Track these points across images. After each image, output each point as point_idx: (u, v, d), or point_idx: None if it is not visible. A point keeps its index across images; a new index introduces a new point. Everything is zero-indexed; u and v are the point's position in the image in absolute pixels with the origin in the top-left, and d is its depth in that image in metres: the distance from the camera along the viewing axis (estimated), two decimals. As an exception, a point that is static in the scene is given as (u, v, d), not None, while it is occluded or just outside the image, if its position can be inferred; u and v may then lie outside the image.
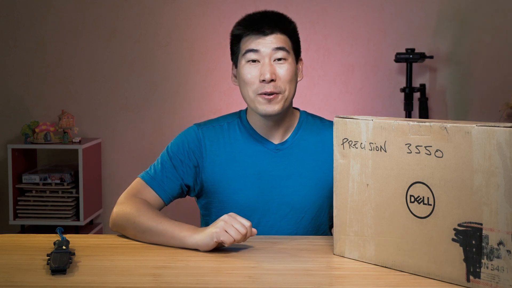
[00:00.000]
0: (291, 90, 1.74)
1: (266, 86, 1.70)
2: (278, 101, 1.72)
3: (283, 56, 1.72)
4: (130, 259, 1.50)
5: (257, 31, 1.73)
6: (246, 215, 1.75)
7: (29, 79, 3.85)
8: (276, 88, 1.71)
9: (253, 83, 1.72)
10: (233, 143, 1.80)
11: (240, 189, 1.77)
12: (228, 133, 1.81)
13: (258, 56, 1.72)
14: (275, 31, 1.73)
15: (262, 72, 1.70)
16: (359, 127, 1.44)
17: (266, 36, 1.72)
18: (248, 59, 1.73)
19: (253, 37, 1.73)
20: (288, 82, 1.73)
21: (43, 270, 1.41)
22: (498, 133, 1.21)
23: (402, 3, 3.71)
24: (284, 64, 1.72)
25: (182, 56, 3.80)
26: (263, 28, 1.72)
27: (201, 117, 3.70)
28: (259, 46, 1.72)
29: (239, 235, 1.50)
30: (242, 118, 1.83)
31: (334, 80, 3.76)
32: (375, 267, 1.43)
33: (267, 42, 1.72)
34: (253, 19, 1.76)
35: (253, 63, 1.73)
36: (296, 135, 1.81)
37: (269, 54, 1.71)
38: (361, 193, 1.45)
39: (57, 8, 3.81)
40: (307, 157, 1.79)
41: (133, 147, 3.85)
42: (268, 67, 1.70)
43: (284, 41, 1.74)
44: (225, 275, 1.39)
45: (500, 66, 3.68)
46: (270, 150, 1.79)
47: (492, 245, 1.24)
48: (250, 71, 1.73)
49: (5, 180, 3.64)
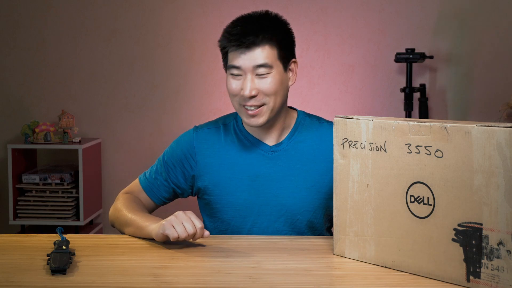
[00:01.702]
0: (277, 100, 1.70)
1: (248, 100, 1.68)
2: (262, 114, 1.70)
3: (265, 72, 1.67)
4: (130, 259, 1.50)
5: (238, 45, 1.67)
6: (241, 216, 1.77)
7: (29, 79, 3.85)
8: (258, 102, 1.68)
9: (236, 95, 1.71)
10: (227, 146, 1.80)
11: (234, 191, 1.77)
12: (224, 135, 1.81)
13: (240, 71, 1.69)
14: (257, 43, 1.66)
15: (243, 87, 1.68)
16: (359, 127, 1.44)
17: (248, 50, 1.66)
18: (231, 73, 1.71)
19: (235, 52, 1.68)
20: (272, 94, 1.69)
21: (43, 270, 1.41)
22: (498, 133, 1.21)
23: (402, 3, 3.71)
24: (266, 78, 1.68)
25: (182, 56, 3.80)
26: (244, 41, 1.66)
27: (201, 117, 3.70)
28: (240, 62, 1.67)
29: (184, 233, 1.51)
30: (237, 119, 1.83)
31: (334, 80, 3.76)
32: (375, 267, 1.43)
33: (247, 57, 1.66)
34: (235, 30, 1.69)
35: (236, 76, 1.70)
36: (292, 136, 1.79)
37: (250, 69, 1.67)
38: (361, 193, 1.45)
39: (57, 8, 3.81)
40: (303, 159, 1.78)
41: (133, 147, 3.85)
42: (249, 82, 1.67)
43: (267, 54, 1.67)
44: (225, 275, 1.39)
45: (500, 66, 3.68)
46: (264, 152, 1.78)
47: (492, 245, 1.24)
48: (233, 83, 1.71)
49: (5, 180, 3.64)
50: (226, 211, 1.78)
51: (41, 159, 3.86)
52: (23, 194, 3.57)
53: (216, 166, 1.79)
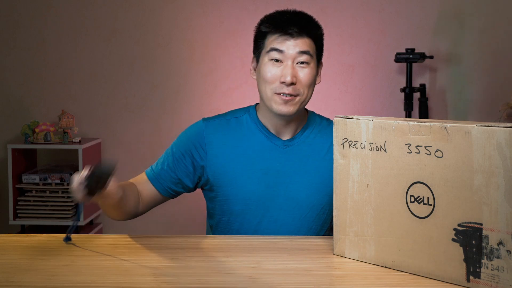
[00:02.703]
0: (309, 94, 1.76)
1: (285, 88, 1.71)
2: (294, 103, 1.73)
3: (306, 60, 1.73)
4: (130, 259, 1.50)
5: (285, 31, 1.73)
6: (251, 209, 1.77)
7: (29, 79, 3.85)
8: (295, 91, 1.72)
9: (272, 82, 1.73)
10: (241, 138, 1.81)
11: (246, 183, 1.78)
12: (235, 128, 1.82)
13: (281, 57, 1.73)
14: (302, 34, 1.73)
15: (284, 73, 1.71)
16: (359, 127, 1.44)
17: (293, 38, 1.73)
18: (272, 57, 1.73)
19: (280, 37, 1.73)
20: (308, 86, 1.74)
21: (43, 269, 1.41)
22: (498, 133, 1.22)
23: (402, 3, 3.71)
24: (306, 68, 1.73)
25: (182, 56, 3.79)
26: (291, 29, 1.72)
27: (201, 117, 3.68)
28: (284, 47, 1.72)
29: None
30: (251, 113, 1.84)
31: (334, 80, 3.76)
32: (375, 267, 1.43)
33: (293, 44, 1.72)
34: (282, 18, 1.76)
35: (276, 63, 1.73)
36: (304, 132, 1.82)
37: (293, 56, 1.72)
38: (361, 193, 1.45)
39: (57, 8, 3.81)
40: (313, 155, 1.81)
41: (133, 147, 3.85)
42: (290, 69, 1.71)
43: (309, 45, 1.74)
44: (225, 275, 1.39)
45: (500, 66, 3.68)
46: (278, 146, 1.80)
47: (492, 245, 1.24)
48: (271, 69, 1.73)
49: (5, 180, 3.64)
50: (237, 203, 1.78)
51: (41, 159, 3.85)
52: (23, 194, 3.57)
53: (227, 157, 1.79)
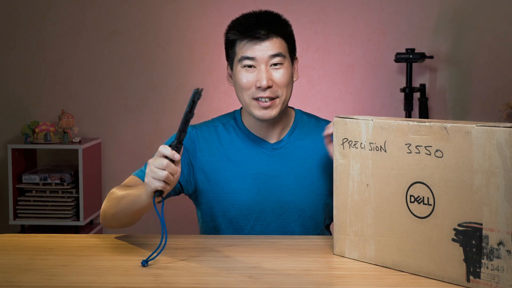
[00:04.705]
0: (288, 93, 1.74)
1: (262, 92, 1.70)
2: (275, 106, 1.72)
3: (280, 61, 1.71)
4: (130, 259, 1.50)
5: (252, 36, 1.69)
6: (243, 214, 1.77)
7: (29, 79, 3.85)
8: (273, 93, 1.70)
9: (249, 88, 1.71)
10: (228, 144, 1.80)
11: (237, 189, 1.77)
12: (223, 134, 1.81)
13: (254, 62, 1.70)
14: (271, 36, 1.70)
15: (259, 78, 1.69)
16: (359, 127, 1.44)
17: (262, 41, 1.69)
18: (244, 65, 1.71)
19: (248, 43, 1.70)
20: (285, 86, 1.72)
21: (43, 269, 1.41)
22: (498, 133, 1.21)
23: (402, 3, 3.71)
24: (280, 69, 1.71)
25: (182, 56, 3.80)
26: (258, 33, 1.69)
27: (200, 117, 3.67)
28: (255, 53, 1.69)
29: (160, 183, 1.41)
30: (236, 119, 1.83)
31: (334, 80, 3.76)
32: (375, 267, 1.43)
33: (263, 48, 1.69)
34: (247, 23, 1.71)
35: (249, 69, 1.71)
36: (292, 134, 1.81)
37: (265, 60, 1.69)
38: (361, 193, 1.45)
39: (57, 8, 3.81)
40: (303, 157, 1.79)
41: (133, 147, 3.85)
42: (264, 73, 1.69)
43: (280, 45, 1.71)
44: (225, 275, 1.39)
45: (500, 66, 3.68)
46: (266, 150, 1.79)
47: (492, 245, 1.24)
48: (246, 76, 1.71)
49: (5, 180, 3.64)
50: (229, 209, 1.78)
51: (41, 159, 3.85)
52: (23, 194, 3.57)
53: (216, 164, 1.78)
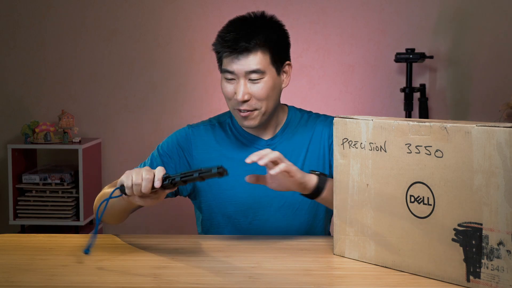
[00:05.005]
0: (269, 104, 1.74)
1: (240, 104, 1.72)
2: (254, 117, 1.74)
3: (258, 77, 1.71)
4: (130, 259, 1.50)
5: (233, 50, 1.69)
6: (242, 210, 1.78)
7: (29, 79, 3.85)
8: (250, 106, 1.72)
9: (230, 99, 1.75)
10: (224, 142, 1.83)
11: (233, 186, 1.78)
12: (219, 132, 1.84)
13: (233, 76, 1.72)
14: (250, 49, 1.68)
15: (236, 91, 1.71)
16: (359, 127, 1.44)
17: (241, 56, 1.69)
18: (226, 77, 1.74)
19: (228, 57, 1.71)
20: (264, 99, 1.72)
21: (43, 269, 1.41)
22: (498, 133, 1.21)
23: (402, 3, 3.71)
24: (259, 83, 1.71)
25: (182, 56, 3.79)
26: (237, 48, 1.68)
27: (201, 117, 3.68)
28: (234, 67, 1.70)
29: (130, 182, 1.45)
30: (232, 118, 1.86)
31: (334, 80, 3.76)
32: (375, 267, 1.43)
33: (241, 63, 1.69)
34: (228, 36, 1.70)
35: (230, 80, 1.73)
36: (285, 130, 1.83)
37: (243, 75, 1.70)
38: (361, 193, 1.45)
39: (57, 8, 3.81)
40: (296, 151, 1.81)
41: (133, 147, 3.85)
42: (241, 87, 1.70)
43: (259, 60, 1.70)
44: (225, 275, 1.39)
45: (500, 66, 3.68)
46: (260, 146, 1.81)
47: (492, 245, 1.24)
48: (227, 86, 1.74)
49: (5, 180, 3.63)
50: (227, 206, 1.79)
51: (41, 159, 3.85)
52: (23, 194, 3.57)
53: (212, 161, 1.80)
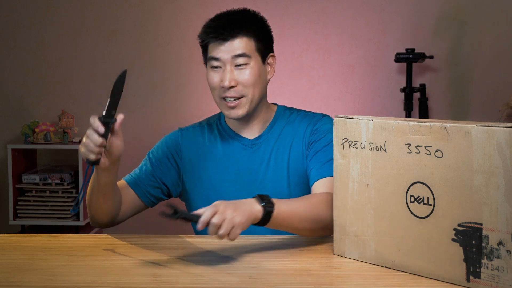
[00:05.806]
0: (256, 92, 1.76)
1: (227, 91, 1.74)
2: (242, 106, 1.76)
3: (244, 62, 1.74)
4: (130, 259, 1.50)
5: (217, 37, 1.74)
6: None
7: (29, 79, 3.85)
8: (237, 93, 1.74)
9: (216, 88, 1.77)
10: (211, 143, 1.86)
11: (221, 185, 1.81)
12: (208, 133, 1.88)
13: (219, 63, 1.75)
14: (235, 35, 1.73)
15: (222, 78, 1.74)
16: (359, 127, 1.44)
17: (225, 42, 1.73)
18: (211, 65, 1.77)
19: (214, 44, 1.75)
20: (251, 86, 1.75)
21: (43, 269, 1.41)
22: (498, 133, 1.21)
23: (402, 3, 3.71)
24: (245, 69, 1.74)
25: (182, 56, 3.79)
26: (222, 33, 1.73)
27: (200, 117, 3.66)
28: (220, 54, 1.74)
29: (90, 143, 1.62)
30: (220, 118, 1.90)
31: (334, 80, 3.76)
32: (375, 267, 1.43)
33: (227, 48, 1.73)
34: (213, 24, 1.76)
35: (216, 69, 1.76)
36: (272, 129, 1.84)
37: (229, 60, 1.73)
38: (361, 193, 1.45)
39: (57, 8, 3.81)
40: (281, 149, 1.82)
41: (133, 147, 3.85)
42: (228, 73, 1.73)
43: (245, 45, 1.74)
44: (225, 275, 1.39)
45: (500, 66, 3.68)
46: (246, 145, 1.83)
47: (492, 245, 1.24)
48: (213, 76, 1.77)
49: (5, 180, 3.63)
50: None
51: (41, 159, 3.85)
52: (23, 194, 3.57)
53: (201, 163, 1.83)
